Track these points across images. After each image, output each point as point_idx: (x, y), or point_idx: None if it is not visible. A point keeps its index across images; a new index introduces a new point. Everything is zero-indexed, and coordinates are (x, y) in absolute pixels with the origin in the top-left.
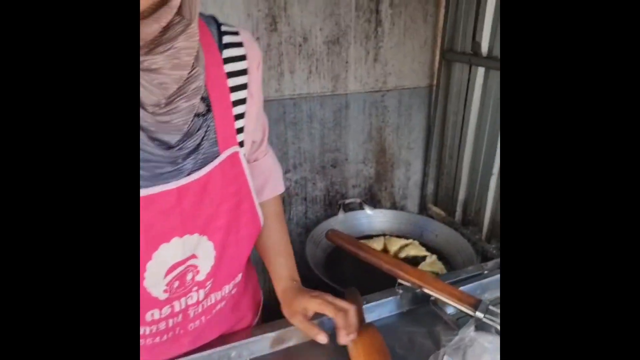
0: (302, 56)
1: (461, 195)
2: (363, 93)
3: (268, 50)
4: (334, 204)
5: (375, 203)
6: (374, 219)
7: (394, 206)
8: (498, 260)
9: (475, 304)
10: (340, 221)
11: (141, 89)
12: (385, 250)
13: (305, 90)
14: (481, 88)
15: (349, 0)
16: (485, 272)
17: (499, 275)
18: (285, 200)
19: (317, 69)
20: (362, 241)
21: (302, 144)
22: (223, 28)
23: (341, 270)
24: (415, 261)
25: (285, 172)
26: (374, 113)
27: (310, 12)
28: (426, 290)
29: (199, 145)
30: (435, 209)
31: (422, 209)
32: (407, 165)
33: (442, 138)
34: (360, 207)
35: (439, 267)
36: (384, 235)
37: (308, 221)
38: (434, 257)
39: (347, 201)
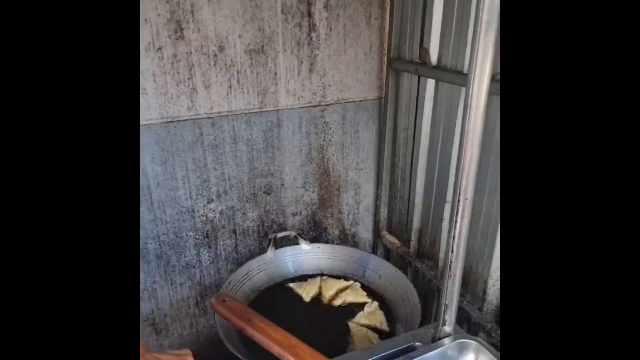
0: (218, 68)
1: (415, 223)
2: (298, 108)
3: (175, 62)
4: (271, 233)
5: (320, 231)
6: (310, 255)
7: (343, 233)
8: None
9: None
10: (269, 260)
11: None
12: (320, 294)
13: (225, 107)
14: (432, 102)
15: (273, 3)
16: (417, 343)
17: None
18: (210, 233)
19: (239, 83)
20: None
21: (226, 169)
22: None
23: None
24: (352, 309)
25: (208, 202)
26: (312, 131)
27: (225, 15)
28: None
29: None
30: (389, 237)
31: (376, 236)
32: (357, 188)
33: (393, 157)
34: (295, 242)
35: (379, 319)
36: (322, 275)
37: (239, 256)
38: (375, 304)
39: (279, 235)
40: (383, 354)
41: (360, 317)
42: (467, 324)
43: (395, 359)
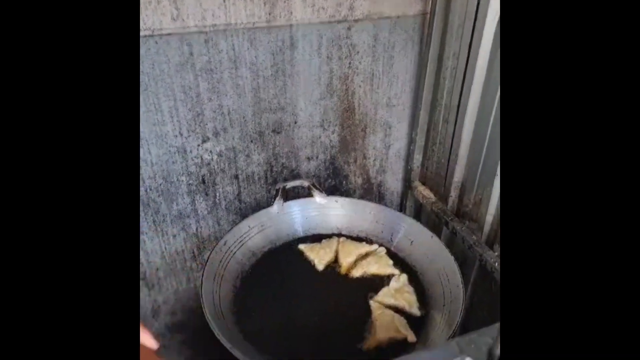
0: None
1: (457, 175)
2: (317, 24)
3: None
4: (281, 181)
5: (340, 180)
6: (326, 210)
7: (367, 183)
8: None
9: None
10: (275, 215)
11: None
12: (336, 261)
13: (222, 18)
14: (496, 19)
15: None
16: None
17: None
18: (207, 179)
19: None
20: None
21: (224, 100)
22: None
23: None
24: (374, 283)
25: (202, 141)
26: (335, 55)
27: None
28: None
29: None
30: (423, 190)
31: (406, 187)
32: (387, 129)
33: (435, 92)
34: (309, 194)
35: (407, 298)
36: (339, 235)
37: (243, 206)
38: (404, 278)
39: (288, 185)
40: None
41: (385, 295)
42: None
43: None
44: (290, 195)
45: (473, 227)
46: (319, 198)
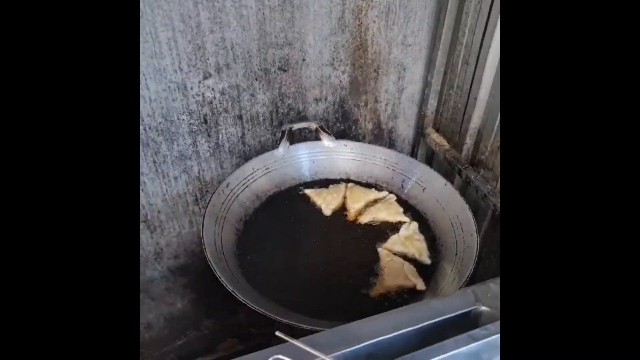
0: None
1: (474, 121)
2: None
3: None
4: (287, 123)
5: (350, 124)
6: (334, 154)
7: (378, 128)
8: None
9: None
10: (280, 158)
11: None
12: (344, 207)
13: None
14: None
15: None
16: (482, 307)
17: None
18: (209, 118)
19: None
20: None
21: (227, 32)
22: None
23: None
24: (383, 230)
25: (204, 77)
26: None
27: None
28: None
29: None
30: (436, 137)
31: (419, 134)
32: (401, 71)
33: (456, 30)
34: (317, 137)
35: (417, 246)
36: (347, 181)
37: (247, 148)
38: (414, 226)
39: (295, 126)
40: (431, 322)
41: (394, 242)
42: None
43: (452, 339)
44: (296, 138)
45: (488, 176)
46: (327, 141)
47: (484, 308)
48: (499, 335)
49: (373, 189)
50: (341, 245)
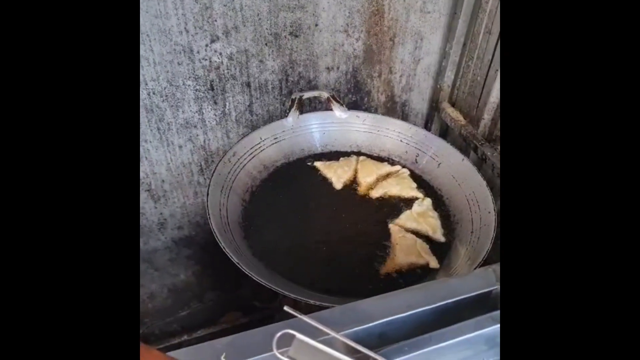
0: None
1: (493, 95)
2: None
3: None
4: (297, 92)
5: (362, 96)
6: (346, 126)
7: (391, 101)
8: None
9: None
10: (290, 128)
11: None
12: (355, 181)
13: None
14: None
15: None
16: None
17: None
18: (215, 85)
19: None
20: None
21: None
22: None
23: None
24: (396, 206)
25: (211, 40)
26: None
27: None
28: None
29: None
30: (451, 111)
31: (433, 109)
32: (418, 40)
33: None
34: (328, 107)
35: (431, 223)
36: (359, 154)
37: (255, 118)
38: (427, 202)
39: (305, 95)
40: (449, 301)
41: (407, 218)
42: None
43: (472, 320)
44: (306, 108)
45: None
46: (339, 112)
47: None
48: None
49: (385, 163)
50: (351, 220)
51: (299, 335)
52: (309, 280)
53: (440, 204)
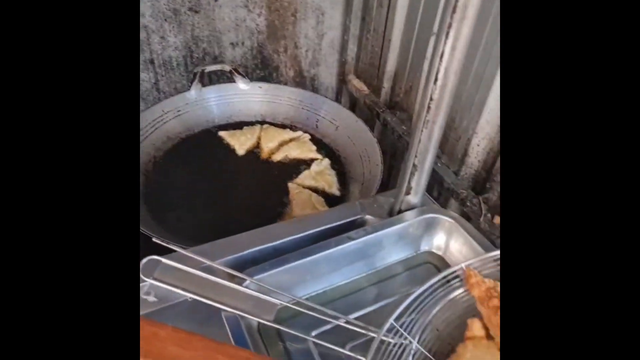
0: None
1: (390, 64)
2: None
3: None
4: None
5: (270, 71)
6: (249, 97)
7: (300, 76)
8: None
9: None
10: (193, 100)
11: None
12: (258, 147)
13: None
14: None
15: None
16: (367, 216)
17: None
18: None
19: None
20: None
21: None
22: None
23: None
24: (296, 167)
25: None
26: None
27: None
28: None
29: None
30: (357, 83)
31: (341, 82)
32: (319, 15)
33: None
34: (231, 79)
35: (328, 180)
36: (263, 123)
37: (162, 95)
38: (326, 162)
39: (207, 69)
40: (316, 230)
41: (305, 177)
42: (437, 190)
43: (332, 239)
44: (213, 82)
45: (403, 117)
46: (241, 84)
47: (368, 217)
48: (375, 234)
49: (288, 129)
50: (253, 181)
51: (164, 260)
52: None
53: (337, 163)
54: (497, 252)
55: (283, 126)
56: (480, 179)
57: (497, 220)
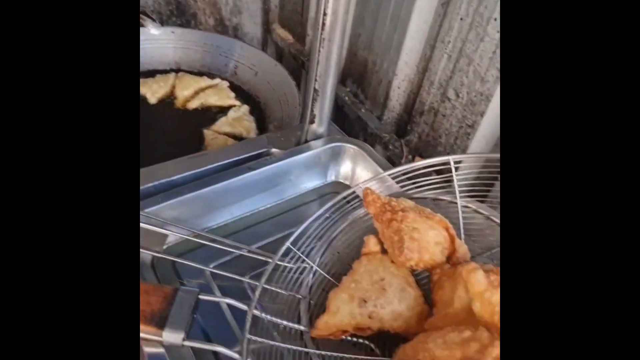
0: None
1: (312, 9)
2: None
3: None
4: None
5: (187, 19)
6: (161, 43)
7: (221, 24)
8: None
9: None
10: None
11: None
12: (172, 95)
13: None
14: None
15: None
16: (273, 149)
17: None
18: None
19: None
20: None
21: None
22: None
23: None
24: (213, 115)
25: None
26: None
27: None
28: None
29: None
30: (281, 32)
31: (266, 31)
32: None
33: None
34: (141, 24)
35: (245, 126)
36: (178, 71)
37: None
38: (244, 108)
39: None
40: (218, 164)
41: (222, 124)
42: (363, 137)
43: (230, 170)
44: None
45: None
46: (152, 29)
47: (274, 150)
48: (278, 164)
49: (205, 77)
50: (165, 130)
51: None
52: None
53: (257, 110)
54: (394, 169)
55: (200, 74)
56: (402, 122)
57: (417, 160)
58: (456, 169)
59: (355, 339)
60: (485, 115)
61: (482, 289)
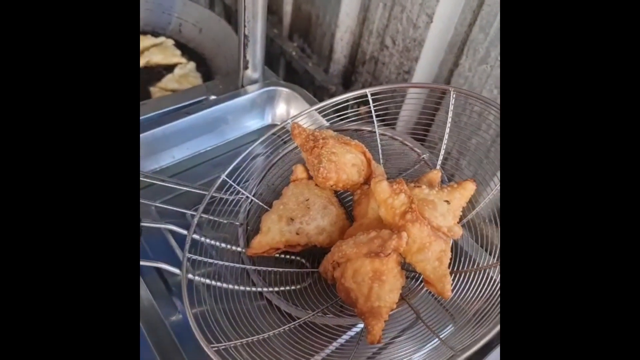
0: None
1: None
2: None
3: None
4: None
5: None
6: None
7: None
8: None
9: None
10: None
11: None
12: None
13: None
14: None
15: None
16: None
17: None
18: None
19: None
20: None
21: None
22: None
23: None
24: (158, 72)
25: None
26: None
27: None
28: None
29: None
30: None
31: None
32: None
33: None
34: None
35: (192, 82)
36: None
37: None
38: (191, 65)
39: None
40: (157, 112)
41: (168, 81)
42: (312, 90)
43: (168, 115)
44: None
45: (273, 20)
46: None
47: (213, 97)
48: (214, 107)
49: (149, 35)
50: None
51: None
52: None
53: (203, 66)
54: (319, 104)
55: (144, 33)
56: (347, 73)
57: (362, 109)
58: (374, 100)
59: (288, 256)
60: (419, 60)
61: (386, 196)
